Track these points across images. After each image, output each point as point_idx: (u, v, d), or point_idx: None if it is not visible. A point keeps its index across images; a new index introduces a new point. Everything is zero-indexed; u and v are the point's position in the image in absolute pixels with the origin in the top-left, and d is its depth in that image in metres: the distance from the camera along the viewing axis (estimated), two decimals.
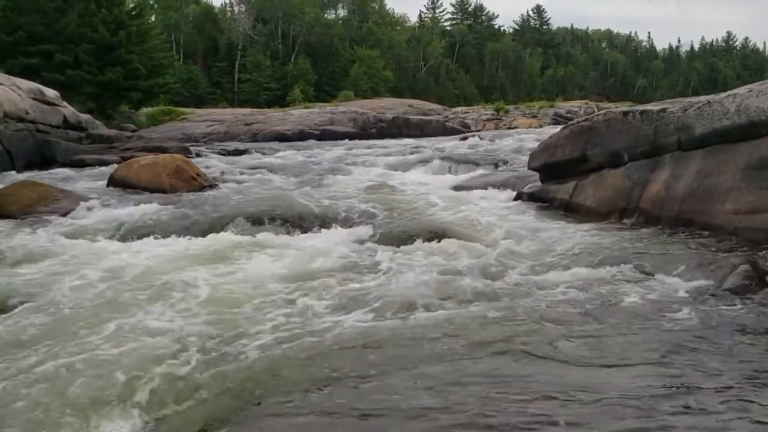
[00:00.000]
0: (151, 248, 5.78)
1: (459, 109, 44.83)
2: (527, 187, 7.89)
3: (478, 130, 29.90)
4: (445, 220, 6.54)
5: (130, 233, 6.31)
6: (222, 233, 6.29)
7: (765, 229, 4.98)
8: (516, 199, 7.72)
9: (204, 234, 6.25)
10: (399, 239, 5.73)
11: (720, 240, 5.06)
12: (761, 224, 5.02)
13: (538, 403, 2.49)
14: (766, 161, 5.22)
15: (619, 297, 3.95)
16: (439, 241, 5.64)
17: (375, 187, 9.47)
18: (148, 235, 6.21)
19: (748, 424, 2.25)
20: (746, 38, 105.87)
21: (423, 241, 5.65)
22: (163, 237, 6.18)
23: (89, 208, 7.51)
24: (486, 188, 8.68)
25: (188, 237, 6.17)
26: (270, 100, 49.24)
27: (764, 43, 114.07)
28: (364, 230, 6.27)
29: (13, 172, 12.61)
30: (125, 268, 4.99)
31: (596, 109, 31.35)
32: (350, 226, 6.52)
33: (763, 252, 4.59)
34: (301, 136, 23.82)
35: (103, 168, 12.27)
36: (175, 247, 5.84)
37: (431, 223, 6.31)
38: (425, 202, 7.82)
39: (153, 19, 45.33)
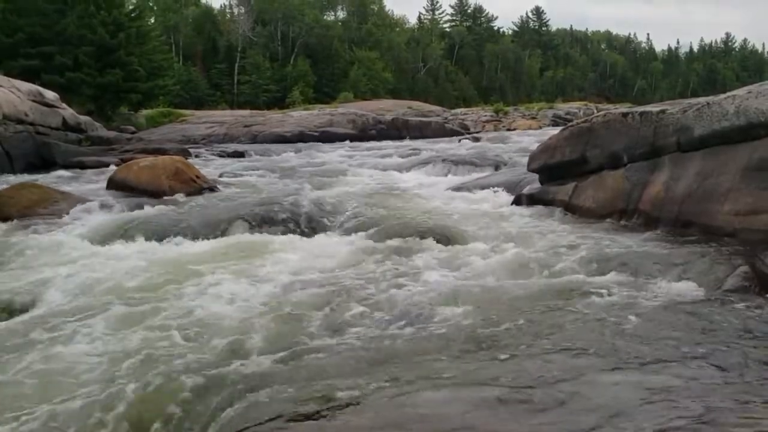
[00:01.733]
0: (150, 251, 5.77)
1: (458, 110, 44.87)
2: (527, 188, 7.88)
3: (477, 132, 29.95)
4: (444, 223, 6.54)
5: (129, 235, 6.30)
6: (222, 236, 6.29)
7: (764, 230, 4.97)
8: (515, 200, 7.72)
9: (204, 236, 6.25)
10: (399, 241, 5.72)
11: (719, 241, 5.06)
12: (760, 225, 5.02)
13: (536, 404, 2.49)
14: (765, 162, 5.21)
15: (617, 299, 3.94)
16: (438, 244, 5.64)
17: (374, 188, 9.48)
18: (147, 238, 6.19)
19: (750, 428, 2.24)
20: (745, 39, 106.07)
21: (422, 244, 5.64)
22: (163, 239, 6.17)
23: (88, 210, 7.50)
24: (485, 190, 8.67)
25: (188, 239, 6.17)
26: (269, 102, 49.26)
27: (763, 44, 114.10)
28: (364, 232, 6.26)
29: (13, 174, 12.62)
30: (124, 271, 4.99)
31: (595, 111, 31.38)
32: (349, 228, 6.52)
33: (763, 253, 4.59)
34: (300, 137, 23.87)
35: (103, 170, 12.29)
36: (174, 249, 5.84)
37: (431, 226, 6.31)
38: (425, 204, 7.82)
39: (152, 20, 45.47)
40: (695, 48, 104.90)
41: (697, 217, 5.54)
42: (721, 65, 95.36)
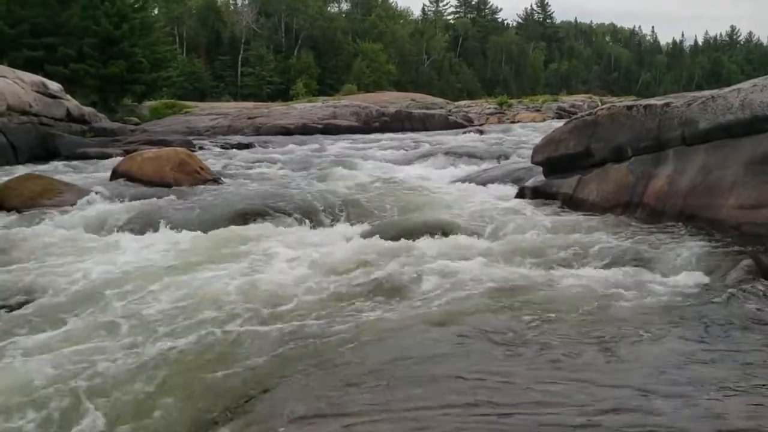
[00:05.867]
0: (154, 242, 5.79)
1: (462, 103, 44.74)
2: (530, 181, 7.87)
3: (481, 124, 29.85)
4: (447, 215, 6.53)
5: (133, 227, 6.32)
6: (226, 227, 6.29)
7: None
8: (519, 193, 7.70)
9: (207, 228, 6.24)
10: (402, 234, 5.71)
11: (723, 235, 5.05)
12: (764, 219, 5.01)
13: (528, 398, 2.50)
14: None
15: (620, 293, 3.94)
16: (441, 236, 5.64)
17: (377, 181, 9.46)
18: (151, 229, 6.21)
19: (749, 419, 2.25)
20: (750, 33, 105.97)
21: (425, 236, 5.63)
22: (167, 231, 6.18)
23: (92, 202, 7.52)
24: (489, 182, 8.65)
25: (192, 231, 6.16)
26: (273, 94, 49.23)
27: None
28: (367, 225, 6.27)
29: (17, 165, 12.64)
30: (128, 262, 5.01)
31: (600, 104, 31.25)
32: (352, 221, 6.53)
33: (766, 247, 4.59)
34: (304, 129, 23.83)
35: (107, 161, 12.30)
36: (178, 240, 5.85)
37: (433, 218, 6.31)
38: (428, 197, 7.81)
39: (156, 12, 45.39)
40: (700, 41, 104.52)
41: (701, 210, 5.53)
42: (725, 59, 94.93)
